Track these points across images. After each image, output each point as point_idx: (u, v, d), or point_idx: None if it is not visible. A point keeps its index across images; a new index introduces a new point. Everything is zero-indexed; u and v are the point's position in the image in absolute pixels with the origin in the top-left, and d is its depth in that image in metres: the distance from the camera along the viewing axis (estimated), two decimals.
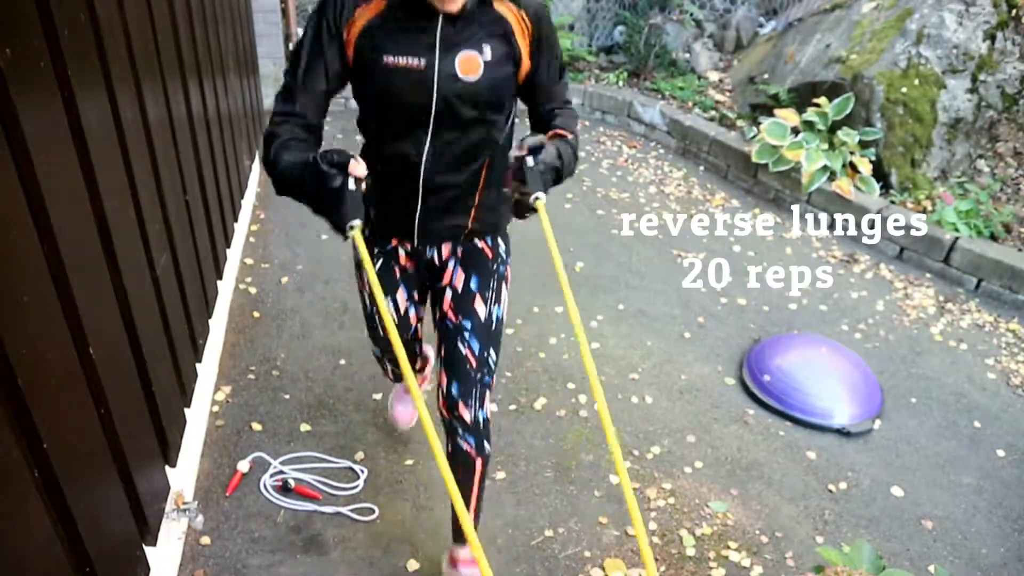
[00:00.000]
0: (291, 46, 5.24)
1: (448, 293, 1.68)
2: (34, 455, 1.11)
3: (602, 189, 4.51)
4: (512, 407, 2.64)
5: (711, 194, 4.59)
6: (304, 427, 2.45)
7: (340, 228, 1.31)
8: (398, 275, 1.71)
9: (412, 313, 1.79)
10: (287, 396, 2.58)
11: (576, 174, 4.68)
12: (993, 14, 4.38)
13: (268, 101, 5.11)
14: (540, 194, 1.39)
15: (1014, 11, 4.43)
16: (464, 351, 1.66)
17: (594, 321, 3.19)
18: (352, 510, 2.16)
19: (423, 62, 1.38)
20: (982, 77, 4.34)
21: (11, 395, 1.05)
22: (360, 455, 2.36)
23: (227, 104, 3.17)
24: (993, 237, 3.84)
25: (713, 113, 5.15)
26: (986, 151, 4.45)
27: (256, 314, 3.01)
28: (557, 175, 1.46)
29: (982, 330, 3.42)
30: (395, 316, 1.74)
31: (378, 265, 1.68)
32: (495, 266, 1.70)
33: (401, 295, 1.74)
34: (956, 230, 3.81)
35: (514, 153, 1.43)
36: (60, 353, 1.23)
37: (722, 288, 3.56)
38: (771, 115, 4.49)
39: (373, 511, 2.17)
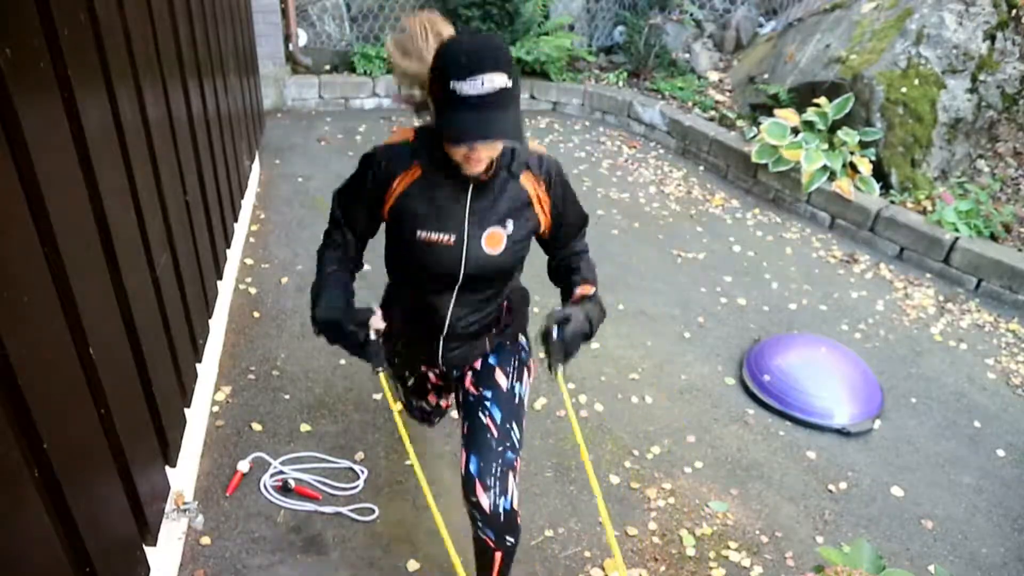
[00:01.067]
0: (290, 46, 5.24)
1: (470, 374, 1.71)
2: (34, 455, 1.11)
3: (602, 189, 4.51)
4: None
5: (711, 194, 4.59)
6: (304, 427, 2.45)
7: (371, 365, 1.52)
8: (430, 386, 1.89)
9: (443, 403, 2.04)
10: (287, 396, 2.58)
11: (576, 174, 4.67)
12: (993, 14, 4.38)
13: (268, 101, 5.12)
14: (559, 367, 1.52)
15: (1014, 11, 4.43)
16: (485, 420, 1.61)
17: None
18: (352, 510, 2.16)
19: (453, 238, 1.45)
20: (982, 77, 4.34)
21: (11, 395, 1.05)
22: (360, 455, 2.36)
23: (227, 104, 3.17)
24: (993, 237, 3.84)
25: (713, 113, 5.15)
26: (986, 151, 4.45)
27: (256, 314, 3.01)
28: (585, 339, 1.56)
29: (982, 330, 3.42)
30: (429, 407, 2.02)
31: (411, 381, 1.90)
32: (516, 351, 1.75)
33: (433, 398, 1.97)
34: (956, 230, 3.81)
35: (543, 324, 1.52)
36: (60, 353, 1.23)
37: (722, 288, 3.56)
38: (771, 115, 4.49)
39: (373, 511, 2.17)
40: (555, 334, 1.49)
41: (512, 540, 1.60)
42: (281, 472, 2.26)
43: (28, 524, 1.09)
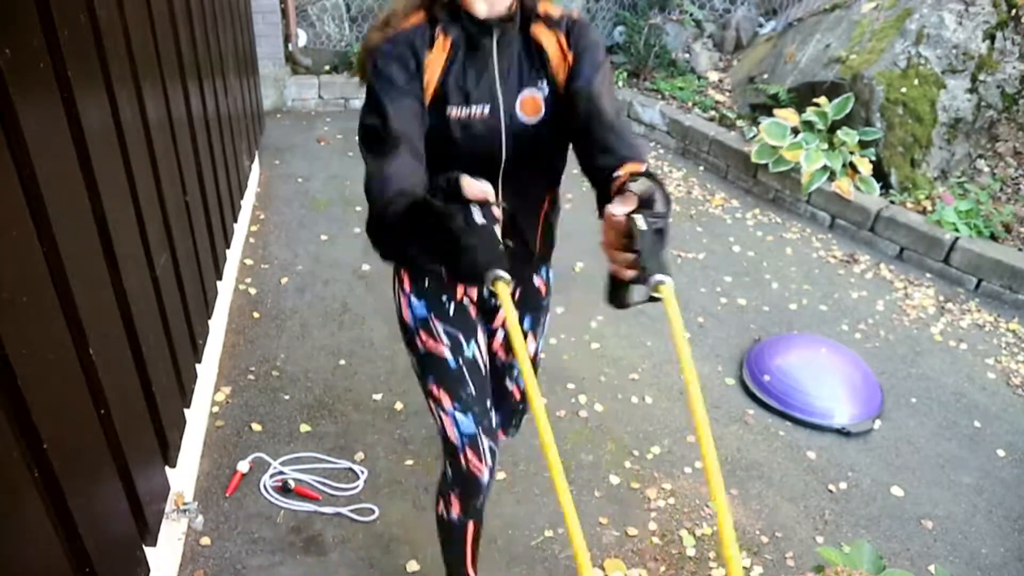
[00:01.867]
0: (290, 46, 5.24)
1: (500, 333, 1.59)
2: (34, 455, 1.11)
3: None
4: None
5: (711, 194, 4.59)
6: (304, 427, 2.45)
7: (477, 279, 0.94)
8: (474, 316, 1.50)
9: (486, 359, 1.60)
10: (287, 396, 2.58)
11: (576, 174, 4.71)
12: (993, 14, 4.38)
13: (268, 102, 5.12)
14: (666, 277, 0.92)
15: (1014, 11, 4.43)
16: (511, 387, 1.67)
17: (594, 321, 3.19)
18: (352, 510, 2.16)
19: (488, 109, 1.26)
20: (982, 77, 4.34)
21: (11, 395, 1.05)
22: (360, 455, 2.36)
23: (227, 105, 3.17)
24: (993, 237, 3.84)
25: (713, 113, 5.15)
26: (986, 151, 4.45)
27: (256, 314, 3.01)
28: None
29: (982, 330, 3.42)
30: (482, 361, 1.50)
31: (452, 310, 1.47)
32: (546, 302, 1.62)
33: (482, 339, 1.52)
34: (956, 230, 3.81)
35: (616, 209, 0.95)
36: (60, 353, 1.23)
37: (722, 288, 3.56)
38: (771, 115, 4.49)
39: (373, 511, 2.17)
40: (642, 224, 0.93)
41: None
42: (281, 472, 2.26)
43: (27, 524, 1.09)
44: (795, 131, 4.31)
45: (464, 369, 1.46)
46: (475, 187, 0.92)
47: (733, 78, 5.58)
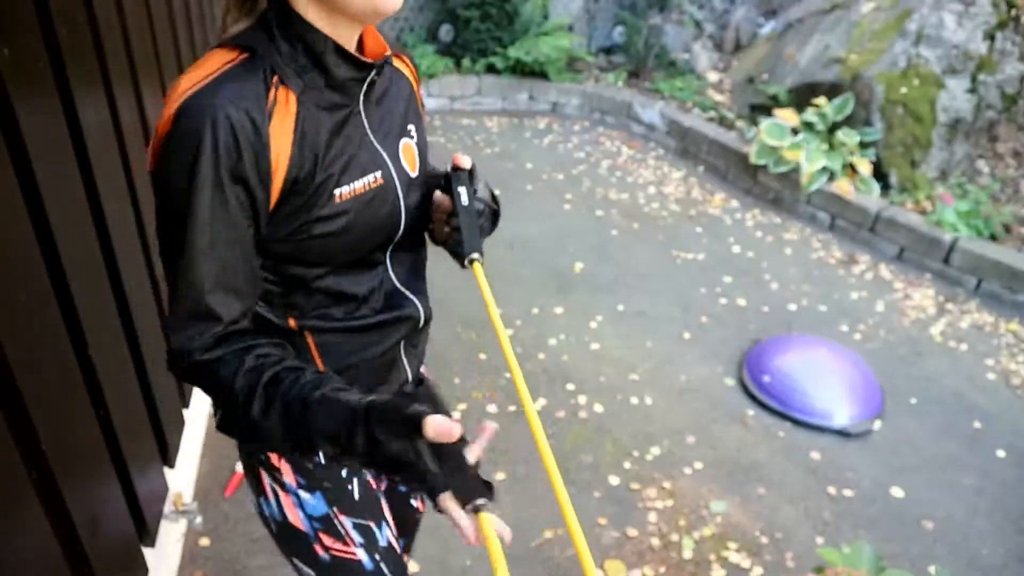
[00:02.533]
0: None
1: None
2: (33, 456, 1.10)
3: (601, 190, 4.51)
4: (511, 408, 2.63)
5: (710, 195, 4.58)
6: None
7: (430, 498, 0.77)
8: (375, 485, 1.15)
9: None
10: None
11: (575, 175, 4.61)
12: (992, 14, 4.38)
13: None
14: (476, 255, 1.01)
15: (1013, 11, 4.43)
16: (416, 503, 1.37)
17: (593, 322, 3.19)
18: None
19: (379, 175, 0.94)
20: (981, 77, 4.34)
21: (10, 396, 1.05)
22: None
23: None
24: (993, 237, 3.84)
25: (712, 113, 5.15)
26: (986, 151, 4.45)
27: None
28: (494, 216, 1.11)
29: (982, 331, 3.42)
30: (395, 541, 1.17)
31: (358, 491, 1.10)
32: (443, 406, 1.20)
33: (386, 508, 1.17)
34: (956, 230, 3.81)
35: (437, 171, 1.07)
36: (58, 354, 1.23)
37: (722, 289, 3.56)
38: (770, 115, 4.49)
39: None
40: (464, 197, 1.02)
41: None
42: None
43: (26, 525, 1.08)
44: (795, 131, 4.31)
45: (382, 565, 1.12)
46: (445, 429, 0.71)
47: (733, 78, 5.58)
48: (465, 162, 1.06)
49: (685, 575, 2.09)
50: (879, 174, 4.25)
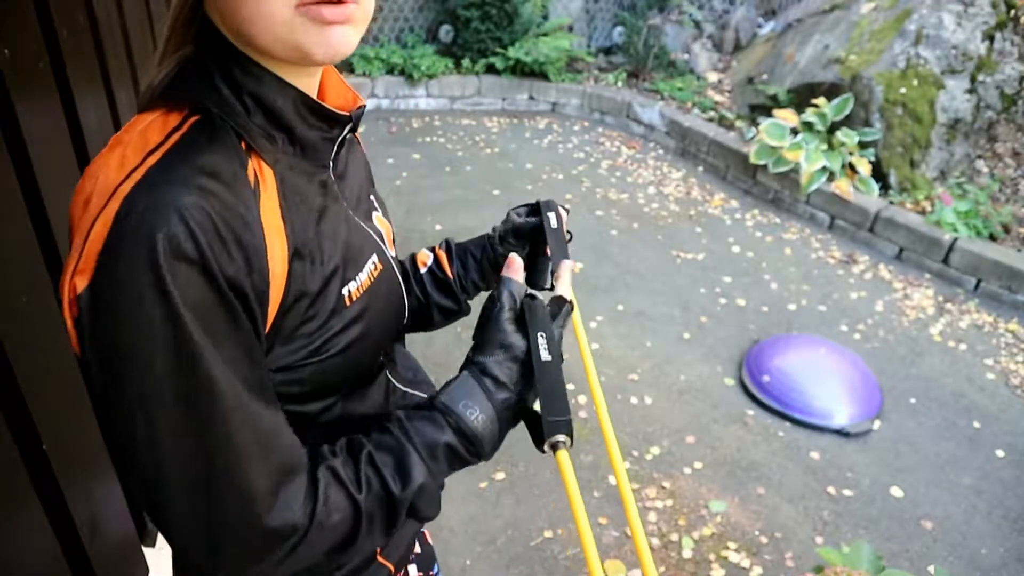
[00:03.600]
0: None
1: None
2: (32, 456, 1.10)
3: (601, 190, 4.51)
4: None
5: (710, 195, 4.59)
6: None
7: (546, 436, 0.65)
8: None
9: None
10: None
11: (575, 175, 4.64)
12: (992, 14, 4.39)
13: None
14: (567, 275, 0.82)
15: (1013, 11, 4.43)
16: None
17: (593, 322, 3.19)
18: None
19: (376, 258, 0.77)
20: (981, 78, 4.35)
21: (10, 396, 1.05)
22: None
23: None
24: (992, 237, 3.84)
25: (712, 114, 5.16)
26: (985, 151, 4.45)
27: None
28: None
29: (981, 330, 3.42)
30: None
31: None
32: None
33: None
34: (955, 230, 3.81)
35: (514, 221, 0.98)
36: (59, 354, 1.23)
37: (721, 289, 3.56)
38: (770, 116, 4.49)
39: None
40: (552, 220, 0.96)
41: None
42: None
43: (26, 525, 1.08)
44: (794, 132, 4.31)
45: None
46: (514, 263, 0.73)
47: (732, 79, 5.58)
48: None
49: (685, 575, 2.09)
50: (878, 174, 4.25)
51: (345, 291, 0.69)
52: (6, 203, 1.08)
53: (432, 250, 1.02)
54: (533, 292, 0.74)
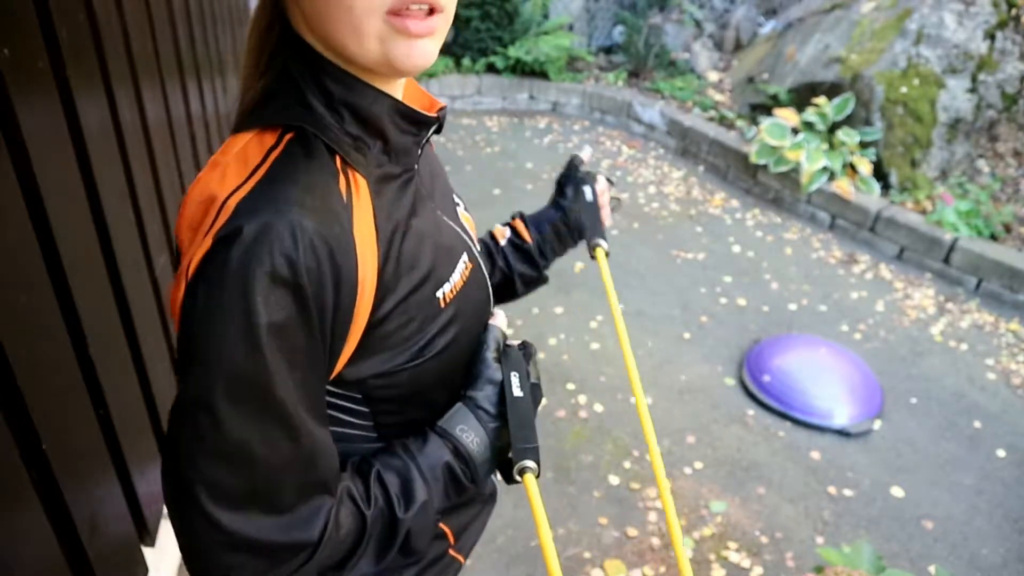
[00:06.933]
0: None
1: None
2: (33, 456, 1.10)
3: None
4: None
5: (711, 194, 4.58)
6: None
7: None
8: None
9: None
10: None
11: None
12: (993, 14, 4.38)
13: None
14: (602, 242, 1.12)
15: (1013, 11, 4.43)
16: None
17: (594, 322, 3.19)
18: None
19: (466, 257, 0.78)
20: (982, 77, 4.34)
21: (10, 396, 1.05)
22: None
23: (226, 104, 3.17)
24: (993, 237, 3.84)
25: (713, 113, 5.15)
26: (986, 151, 4.45)
27: None
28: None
29: (982, 330, 3.42)
30: None
31: None
32: None
33: None
34: (956, 230, 3.81)
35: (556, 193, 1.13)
36: (58, 353, 1.23)
37: (722, 288, 3.56)
38: (771, 115, 4.49)
39: None
40: (588, 195, 1.11)
41: None
42: None
43: (26, 525, 1.08)
44: (795, 131, 4.31)
45: None
46: (499, 319, 0.81)
47: (733, 78, 5.58)
48: (586, 154, 1.10)
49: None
50: (879, 174, 4.25)
51: (439, 293, 0.71)
52: (6, 203, 1.08)
53: (507, 225, 1.10)
54: (509, 342, 0.81)
